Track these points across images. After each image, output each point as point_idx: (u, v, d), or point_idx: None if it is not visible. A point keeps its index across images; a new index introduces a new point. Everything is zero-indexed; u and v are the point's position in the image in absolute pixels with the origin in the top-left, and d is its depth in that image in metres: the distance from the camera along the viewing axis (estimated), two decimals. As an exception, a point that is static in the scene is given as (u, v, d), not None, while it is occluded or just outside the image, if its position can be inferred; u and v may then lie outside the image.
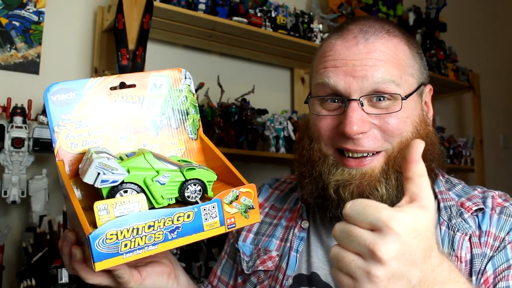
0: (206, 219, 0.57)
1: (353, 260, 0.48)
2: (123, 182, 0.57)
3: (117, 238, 0.51)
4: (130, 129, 0.66)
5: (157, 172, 0.59)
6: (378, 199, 0.72)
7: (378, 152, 0.75)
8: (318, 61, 0.80)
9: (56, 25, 1.70)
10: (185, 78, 0.69)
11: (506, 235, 0.73)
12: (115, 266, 0.53)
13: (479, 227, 0.75)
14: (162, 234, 0.54)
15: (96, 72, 1.70)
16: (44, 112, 1.44)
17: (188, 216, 0.55)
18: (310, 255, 0.83)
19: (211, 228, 0.57)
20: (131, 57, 1.48)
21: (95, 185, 0.55)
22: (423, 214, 0.49)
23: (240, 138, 1.91)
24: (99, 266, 0.51)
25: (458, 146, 2.79)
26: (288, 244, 0.85)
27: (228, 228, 0.59)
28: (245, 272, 0.88)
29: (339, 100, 0.76)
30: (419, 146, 0.51)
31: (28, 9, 1.63)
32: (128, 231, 0.52)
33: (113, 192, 0.57)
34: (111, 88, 0.64)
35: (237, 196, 0.59)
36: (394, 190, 0.74)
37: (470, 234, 0.74)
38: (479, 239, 0.74)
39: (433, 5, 2.64)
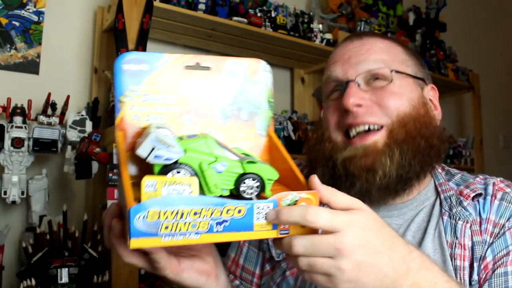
0: (258, 218, 0.51)
1: (324, 262, 0.52)
2: (176, 162, 0.52)
3: (159, 217, 0.47)
4: (197, 112, 0.61)
5: (215, 158, 0.54)
6: (382, 170, 0.76)
7: (380, 129, 0.79)
8: (325, 68, 0.89)
9: (56, 25, 1.70)
10: (264, 70, 0.65)
11: (506, 221, 0.76)
12: (152, 248, 0.48)
13: (479, 214, 0.78)
14: (208, 224, 0.49)
15: (96, 72, 1.70)
16: (44, 112, 1.44)
17: (239, 211, 0.50)
18: None
19: (262, 230, 0.52)
20: (131, 57, 1.48)
21: (147, 160, 0.51)
22: (364, 213, 0.54)
23: (240, 138, 1.90)
24: (135, 243, 0.47)
25: (458, 146, 2.79)
26: None
27: (280, 234, 0.53)
28: (275, 259, 0.87)
29: (341, 88, 0.83)
30: (312, 180, 0.55)
31: (28, 9, 1.63)
32: (172, 213, 0.47)
33: (165, 170, 0.52)
34: (185, 67, 0.60)
35: (296, 201, 0.53)
36: (399, 161, 0.77)
37: (471, 222, 0.77)
38: (480, 226, 0.77)
39: (433, 5, 2.65)
